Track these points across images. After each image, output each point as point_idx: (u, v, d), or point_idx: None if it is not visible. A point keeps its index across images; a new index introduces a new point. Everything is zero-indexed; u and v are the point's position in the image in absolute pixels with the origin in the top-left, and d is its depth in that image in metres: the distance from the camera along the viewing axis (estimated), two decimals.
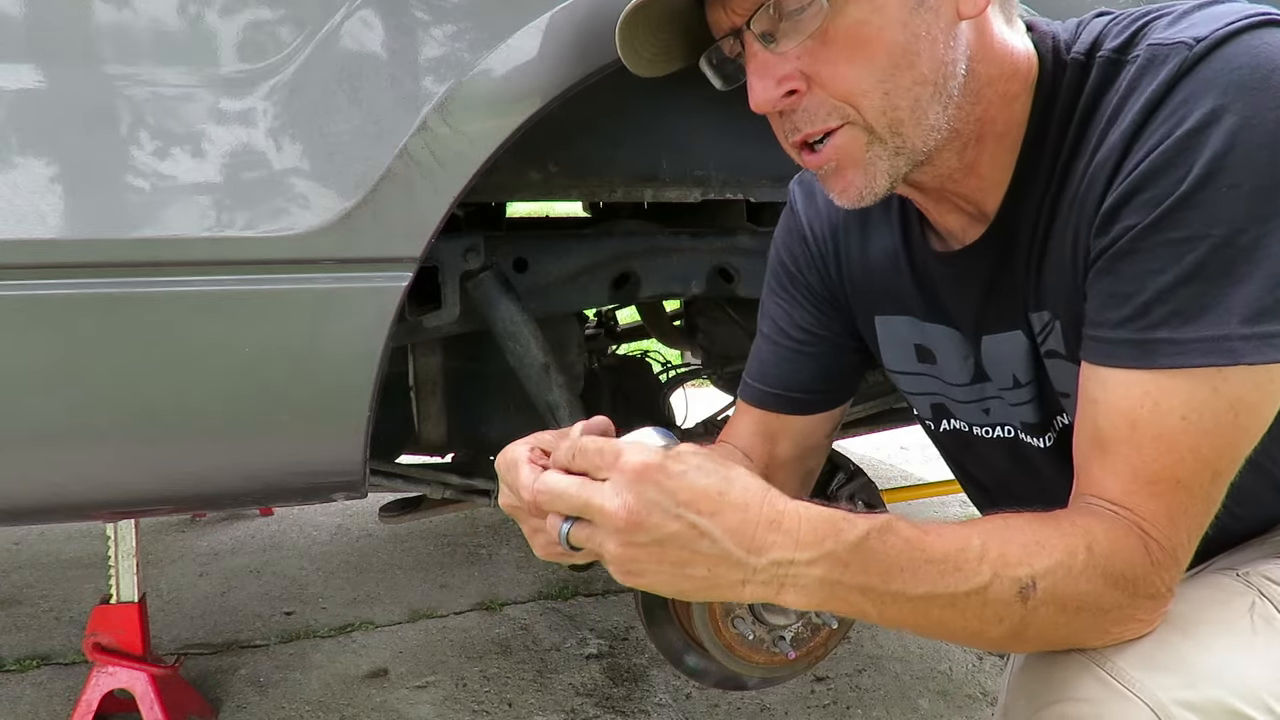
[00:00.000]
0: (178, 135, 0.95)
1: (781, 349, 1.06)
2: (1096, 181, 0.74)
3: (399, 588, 2.55)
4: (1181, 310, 0.68)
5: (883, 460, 3.68)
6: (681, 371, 2.49)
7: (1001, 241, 0.84)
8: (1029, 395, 0.89)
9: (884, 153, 0.77)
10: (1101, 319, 0.73)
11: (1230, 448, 0.70)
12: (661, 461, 0.64)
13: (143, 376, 1.00)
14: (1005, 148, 0.81)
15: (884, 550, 0.67)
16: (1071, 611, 0.70)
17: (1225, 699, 0.69)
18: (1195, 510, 0.72)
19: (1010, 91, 0.80)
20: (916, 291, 0.95)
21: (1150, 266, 0.70)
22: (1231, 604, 0.76)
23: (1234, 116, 0.66)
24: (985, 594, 0.68)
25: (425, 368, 1.56)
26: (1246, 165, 0.66)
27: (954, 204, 0.86)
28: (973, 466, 1.05)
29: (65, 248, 0.93)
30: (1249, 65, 0.67)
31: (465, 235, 1.31)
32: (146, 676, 1.72)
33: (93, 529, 2.83)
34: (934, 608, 0.69)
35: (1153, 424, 0.70)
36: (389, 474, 1.52)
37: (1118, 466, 0.72)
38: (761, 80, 0.77)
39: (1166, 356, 0.69)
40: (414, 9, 1.00)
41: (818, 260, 1.03)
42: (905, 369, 1.02)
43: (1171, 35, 0.71)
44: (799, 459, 1.07)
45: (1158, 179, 0.69)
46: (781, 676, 1.89)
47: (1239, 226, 0.66)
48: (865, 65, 0.74)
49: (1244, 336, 0.67)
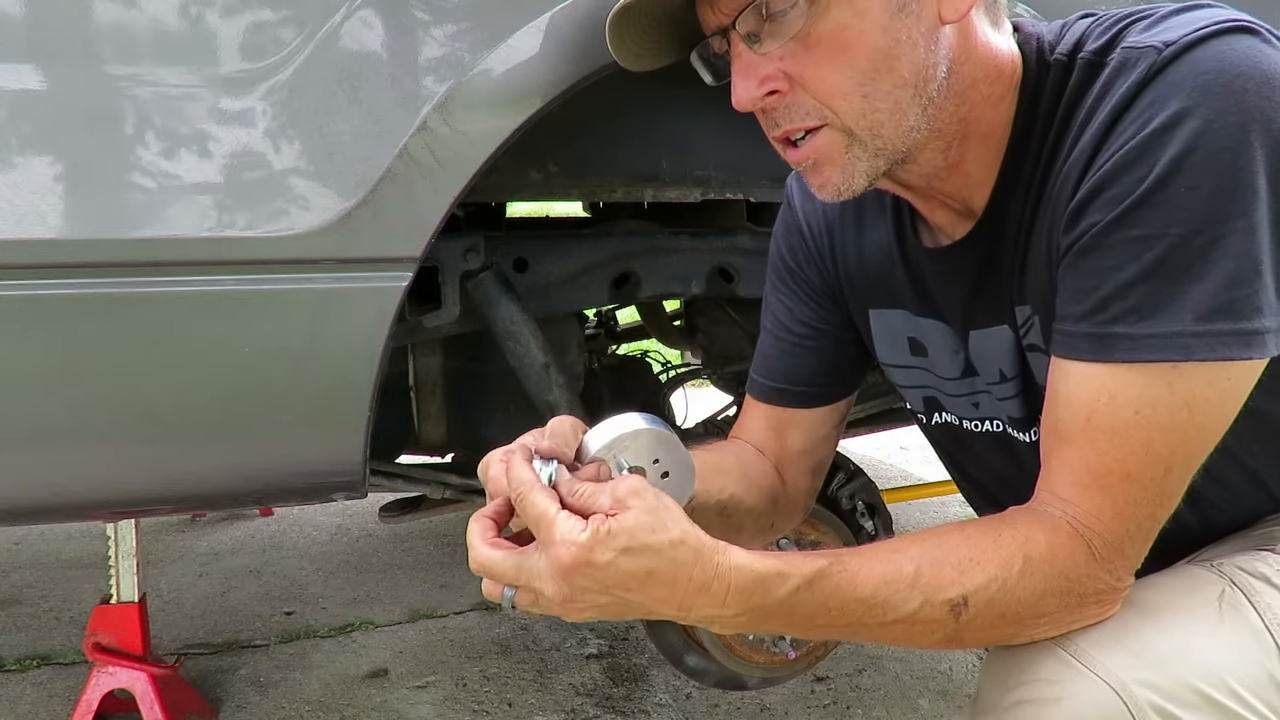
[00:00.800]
0: (178, 135, 0.95)
1: (784, 344, 1.07)
2: (1069, 180, 0.76)
3: (399, 588, 2.55)
4: (1138, 307, 0.70)
5: (883, 460, 3.68)
6: (681, 371, 2.49)
7: (988, 238, 0.86)
8: (1015, 390, 0.90)
9: (863, 154, 0.79)
10: (1066, 313, 0.76)
11: (1185, 443, 0.72)
12: (588, 557, 0.66)
13: (143, 377, 1.00)
14: (991, 147, 0.83)
15: (811, 599, 0.71)
16: (1010, 618, 0.74)
17: (1188, 680, 0.71)
18: (1145, 503, 0.73)
19: (994, 93, 0.81)
20: (909, 286, 0.96)
21: (1110, 263, 0.72)
22: (1201, 591, 0.77)
23: (1197, 119, 0.68)
24: (914, 616, 0.73)
25: (425, 368, 1.56)
26: (1207, 167, 0.68)
27: (941, 201, 0.88)
28: (967, 464, 1.06)
29: (65, 248, 0.93)
30: (1214, 70, 0.68)
31: (465, 235, 1.31)
32: (146, 676, 1.72)
33: (93, 529, 2.83)
34: (862, 631, 0.74)
35: (1107, 417, 0.72)
36: (389, 474, 1.52)
37: (1071, 459, 0.74)
38: (744, 80, 0.79)
39: (1121, 351, 0.71)
40: (414, 9, 1.00)
41: (815, 255, 1.05)
42: (898, 362, 1.03)
43: (1144, 40, 0.73)
44: (808, 451, 1.09)
45: (1121, 177, 0.71)
46: (781, 676, 1.89)
47: (1196, 227, 0.68)
48: (846, 69, 0.76)
49: (1196, 334, 0.69)
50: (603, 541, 0.66)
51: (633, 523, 0.67)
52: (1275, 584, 0.78)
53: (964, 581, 0.72)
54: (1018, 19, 0.86)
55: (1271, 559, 0.81)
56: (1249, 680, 0.72)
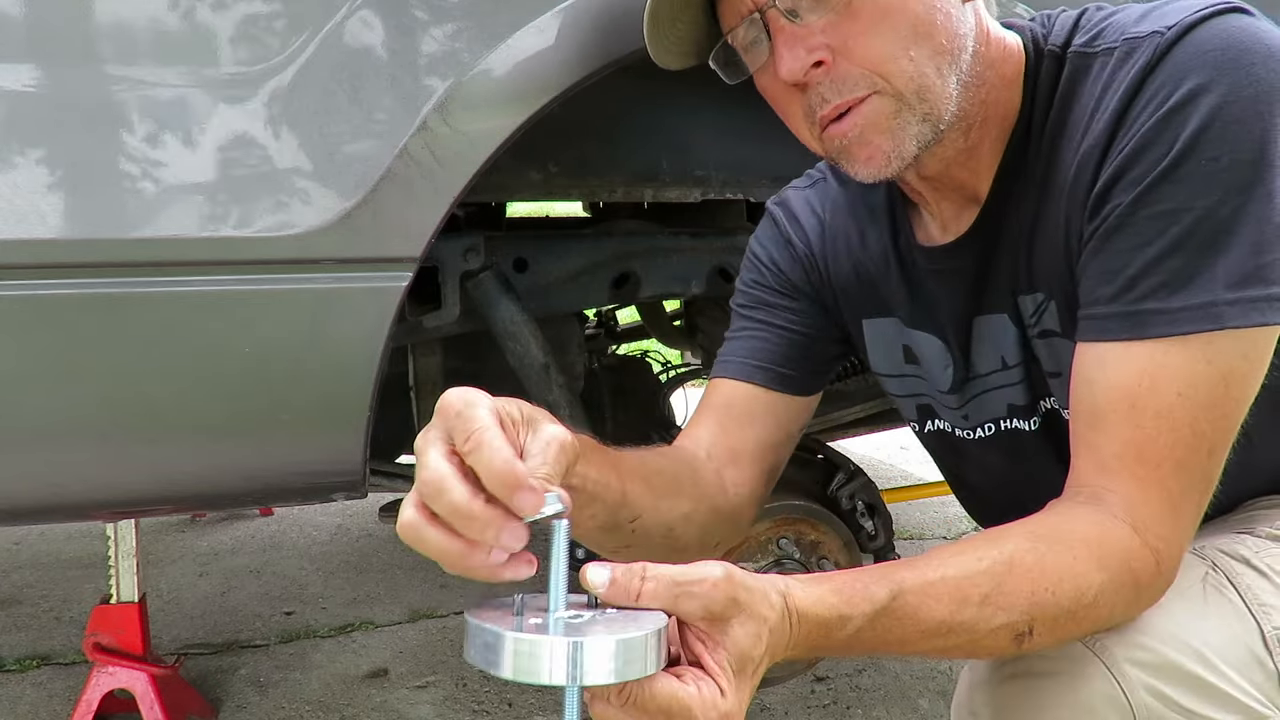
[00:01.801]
0: (178, 135, 0.95)
1: (763, 334, 1.04)
2: (1085, 170, 0.77)
3: (399, 588, 2.55)
4: (1169, 282, 0.71)
5: (883, 460, 3.68)
6: (681, 371, 2.49)
7: (992, 226, 0.87)
8: (1018, 377, 0.91)
9: (912, 119, 0.79)
10: (1094, 297, 0.76)
11: (1224, 419, 0.73)
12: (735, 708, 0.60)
13: (143, 376, 1.00)
14: (1002, 132, 0.84)
15: (872, 636, 0.67)
16: (1072, 635, 0.73)
17: (1174, 658, 0.73)
18: (1197, 491, 0.74)
19: (1006, 75, 0.83)
20: (904, 289, 0.96)
21: (1137, 241, 0.72)
22: (1185, 574, 0.78)
23: (1211, 95, 0.70)
24: (977, 642, 0.70)
25: (425, 368, 1.56)
26: (1225, 139, 0.69)
27: (952, 190, 0.88)
28: (963, 470, 1.06)
29: (66, 248, 0.93)
30: (1220, 47, 0.71)
31: (465, 235, 1.31)
32: (146, 676, 1.72)
33: (93, 529, 2.83)
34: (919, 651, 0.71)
35: (1151, 400, 0.72)
36: (389, 474, 1.52)
37: (1117, 447, 0.73)
38: (791, 50, 0.78)
39: (1156, 326, 0.72)
40: (414, 9, 1.00)
41: (801, 260, 1.04)
42: (892, 371, 1.03)
43: (1143, 28, 0.75)
44: (771, 448, 1.03)
45: (1141, 158, 0.72)
46: (781, 676, 1.89)
47: (1219, 198, 0.70)
48: (890, 34, 0.77)
49: (1229, 301, 0.70)
50: (739, 690, 0.60)
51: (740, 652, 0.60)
52: (1255, 566, 0.80)
53: (1033, 612, 0.70)
54: (1009, 18, 0.87)
55: (1251, 541, 0.83)
56: (1234, 659, 0.74)
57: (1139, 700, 0.73)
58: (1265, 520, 0.86)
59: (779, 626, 0.62)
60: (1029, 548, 0.71)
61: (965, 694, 0.83)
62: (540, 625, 0.58)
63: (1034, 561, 0.70)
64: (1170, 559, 0.74)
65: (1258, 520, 0.86)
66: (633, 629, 0.56)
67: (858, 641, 0.67)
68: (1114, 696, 0.73)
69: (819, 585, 0.66)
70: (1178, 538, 0.74)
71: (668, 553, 0.90)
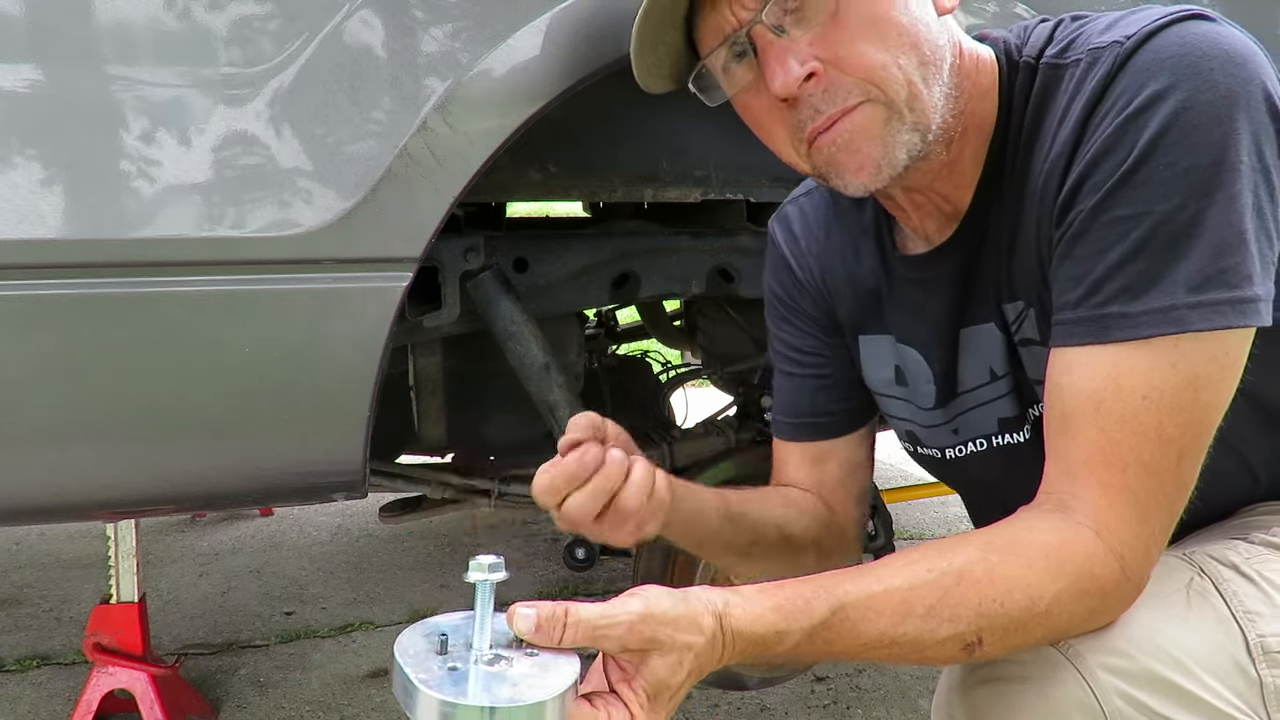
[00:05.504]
0: (179, 135, 0.95)
1: (798, 379, 1.08)
2: (1052, 177, 0.78)
3: (399, 588, 2.55)
4: (1130, 285, 0.72)
5: (883, 460, 3.65)
6: (681, 371, 2.49)
7: (973, 237, 0.87)
8: (1006, 388, 0.90)
9: (902, 127, 0.79)
10: (1062, 303, 0.76)
11: (1194, 424, 0.72)
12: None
13: (143, 377, 1.00)
14: (980, 143, 0.85)
15: (812, 648, 0.70)
16: (1026, 643, 0.73)
17: (1149, 664, 0.72)
18: (1164, 495, 0.73)
19: (982, 86, 0.84)
20: (892, 303, 0.97)
21: (1099, 246, 0.73)
22: (1169, 579, 0.78)
23: (1170, 100, 0.70)
24: (924, 652, 0.71)
25: (425, 368, 1.57)
26: (1183, 144, 0.70)
27: (934, 204, 0.88)
28: (961, 483, 1.06)
29: (66, 248, 0.94)
30: (1178, 53, 0.71)
31: (465, 235, 1.31)
32: (146, 676, 1.73)
33: (93, 529, 2.83)
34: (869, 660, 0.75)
35: (1116, 404, 0.72)
36: (389, 474, 1.52)
37: (1083, 452, 0.74)
38: (783, 64, 0.78)
39: (1119, 330, 0.72)
40: (414, 9, 1.00)
41: (807, 285, 1.05)
42: (886, 391, 1.04)
43: (1106, 38, 0.76)
44: (851, 477, 1.10)
45: (1102, 164, 0.73)
46: (781, 676, 1.89)
47: (1179, 203, 0.70)
48: (880, 42, 0.77)
49: (1191, 305, 0.70)
50: (652, 714, 0.65)
51: (656, 681, 0.65)
52: (1244, 573, 0.78)
53: (981, 622, 0.70)
54: (983, 30, 0.88)
55: (1243, 548, 0.81)
56: (1214, 666, 0.73)
57: (1112, 706, 0.72)
58: (1262, 526, 0.85)
59: (705, 649, 0.66)
60: (980, 558, 0.72)
61: (943, 696, 0.84)
62: (458, 670, 0.63)
63: (983, 572, 0.71)
64: (1137, 565, 0.73)
65: (1254, 526, 0.85)
66: (536, 686, 0.61)
67: (797, 653, 0.70)
68: (1086, 702, 0.72)
69: (760, 601, 0.69)
70: (1144, 544, 0.73)
71: (786, 558, 0.99)
